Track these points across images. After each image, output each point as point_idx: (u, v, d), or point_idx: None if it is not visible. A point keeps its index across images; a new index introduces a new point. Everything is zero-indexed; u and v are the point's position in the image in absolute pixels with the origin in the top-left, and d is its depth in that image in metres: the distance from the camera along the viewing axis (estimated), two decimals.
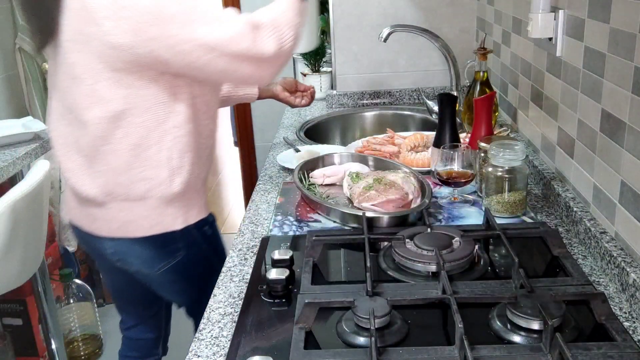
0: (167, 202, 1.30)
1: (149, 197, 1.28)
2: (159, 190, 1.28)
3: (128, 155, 1.24)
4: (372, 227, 1.22)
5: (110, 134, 1.23)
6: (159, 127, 1.24)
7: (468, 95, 1.75)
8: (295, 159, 1.68)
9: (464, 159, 1.33)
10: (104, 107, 1.20)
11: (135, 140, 1.23)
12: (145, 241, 1.34)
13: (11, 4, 2.55)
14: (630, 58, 0.99)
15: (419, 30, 1.90)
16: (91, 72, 1.19)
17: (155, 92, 1.21)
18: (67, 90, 1.24)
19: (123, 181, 1.27)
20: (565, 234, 1.21)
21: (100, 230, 1.35)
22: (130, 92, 1.20)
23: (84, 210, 1.37)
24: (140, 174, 1.26)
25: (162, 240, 1.34)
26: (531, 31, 1.37)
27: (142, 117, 1.22)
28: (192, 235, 1.37)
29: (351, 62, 2.29)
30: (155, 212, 1.31)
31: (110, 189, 1.28)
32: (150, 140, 1.24)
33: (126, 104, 1.20)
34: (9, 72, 2.53)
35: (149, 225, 1.32)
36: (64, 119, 1.29)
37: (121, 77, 1.18)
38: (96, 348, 2.56)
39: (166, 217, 1.32)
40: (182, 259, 1.39)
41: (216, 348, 0.91)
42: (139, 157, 1.25)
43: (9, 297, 2.06)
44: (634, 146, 0.99)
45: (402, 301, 0.93)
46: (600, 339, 0.84)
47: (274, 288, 1.02)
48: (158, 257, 1.37)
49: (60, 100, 1.30)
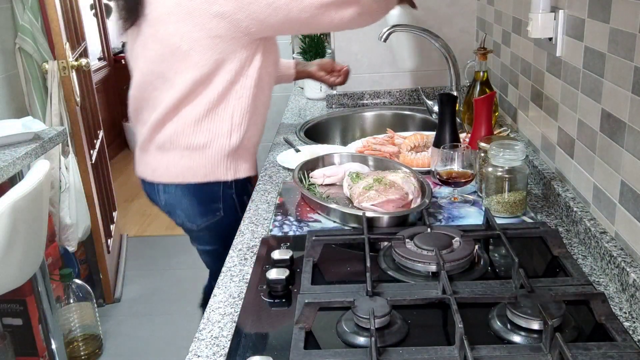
0: (223, 154, 1.51)
1: (209, 147, 1.50)
2: (218, 142, 1.49)
3: (202, 110, 1.47)
4: (372, 227, 1.22)
5: (193, 93, 1.45)
6: (232, 88, 1.47)
7: (468, 95, 1.75)
8: (295, 159, 1.68)
9: (464, 159, 1.33)
10: (196, 71, 1.43)
11: (211, 98, 1.46)
12: (193, 195, 1.54)
13: (11, 3, 2.55)
14: (630, 58, 0.99)
15: (419, 30, 1.90)
16: (188, 40, 1.40)
17: (239, 57, 1.44)
18: (160, 58, 1.46)
19: (190, 131, 1.49)
20: (565, 234, 1.21)
21: (161, 177, 1.56)
22: (220, 57, 1.42)
23: (149, 161, 1.58)
24: (206, 125, 1.48)
25: (207, 196, 1.55)
26: (531, 31, 1.37)
27: (223, 78, 1.44)
28: (231, 200, 1.56)
29: (351, 62, 2.29)
30: (211, 162, 1.51)
31: (178, 138, 1.50)
32: (222, 98, 1.46)
33: (214, 68, 1.43)
34: (9, 72, 2.53)
35: (204, 173, 1.52)
36: (150, 85, 1.51)
37: (215, 44, 1.41)
38: (96, 348, 2.57)
39: (220, 168, 1.52)
40: (219, 220, 1.58)
41: (216, 348, 0.91)
42: (209, 112, 1.47)
43: (9, 297, 2.06)
44: (634, 146, 0.99)
45: (402, 301, 0.93)
46: (600, 339, 0.84)
47: (274, 288, 1.03)
48: (200, 213, 1.57)
49: (146, 69, 1.51)
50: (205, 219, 1.58)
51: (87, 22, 3.82)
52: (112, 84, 5.36)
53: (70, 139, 2.70)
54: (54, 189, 2.53)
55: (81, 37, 3.07)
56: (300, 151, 1.76)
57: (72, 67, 2.66)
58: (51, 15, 2.53)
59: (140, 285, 3.17)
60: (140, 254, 3.52)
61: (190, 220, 1.60)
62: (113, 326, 2.78)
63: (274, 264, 1.09)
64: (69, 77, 2.63)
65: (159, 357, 2.57)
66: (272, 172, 1.65)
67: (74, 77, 2.69)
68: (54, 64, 2.59)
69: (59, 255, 2.57)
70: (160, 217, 3.97)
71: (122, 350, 2.62)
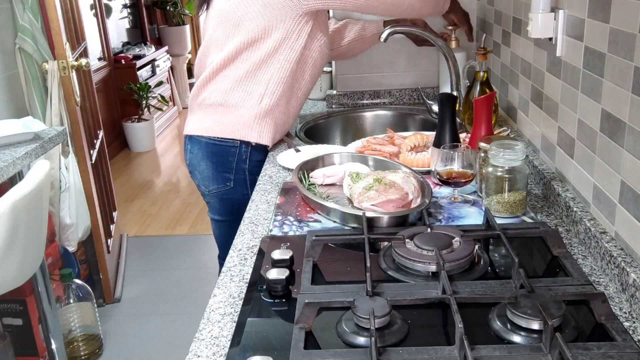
0: (252, 116, 1.65)
1: (241, 106, 1.64)
2: (250, 103, 1.64)
3: (242, 72, 1.62)
4: (372, 227, 1.22)
5: (240, 56, 1.61)
6: (274, 56, 1.61)
7: (468, 95, 1.75)
8: (295, 159, 1.68)
9: (464, 159, 1.33)
10: (244, 36, 1.59)
11: (253, 62, 1.61)
12: (210, 160, 1.71)
13: (11, 3, 2.55)
14: (630, 58, 0.99)
15: (419, 30, 1.90)
16: (243, 6, 1.58)
17: (286, 27, 1.59)
18: (218, 25, 1.64)
19: (228, 90, 1.65)
20: (565, 234, 1.21)
21: (193, 130, 1.73)
22: (268, 25, 1.58)
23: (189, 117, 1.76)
24: (242, 87, 1.63)
25: (222, 164, 1.69)
26: (531, 31, 1.37)
27: (268, 45, 1.59)
28: (243, 174, 1.70)
29: (351, 62, 2.29)
30: (240, 120, 1.65)
31: (216, 95, 1.66)
32: (263, 63, 1.61)
33: (262, 34, 1.58)
34: (9, 72, 2.53)
35: (231, 130, 1.66)
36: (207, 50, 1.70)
37: (267, 11, 1.57)
38: (96, 348, 2.57)
39: (245, 128, 1.66)
40: (229, 191, 1.71)
41: (216, 348, 0.91)
42: (249, 74, 1.62)
43: (9, 297, 2.06)
44: (634, 146, 0.99)
45: (402, 301, 0.93)
46: (600, 339, 0.84)
47: (274, 288, 1.03)
48: (213, 178, 1.72)
49: (207, 37, 1.70)
50: (217, 186, 1.73)
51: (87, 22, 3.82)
52: (112, 84, 5.36)
53: (70, 139, 2.70)
54: (54, 189, 2.53)
55: (81, 37, 3.08)
56: (300, 151, 1.76)
57: (72, 67, 2.66)
58: (51, 15, 2.53)
59: (140, 285, 3.17)
60: (140, 254, 3.52)
61: (203, 183, 1.76)
62: (113, 326, 2.79)
63: (274, 264, 1.09)
64: (69, 77, 2.63)
65: (159, 357, 2.57)
66: (272, 172, 1.65)
67: (74, 77, 2.69)
68: (54, 64, 2.59)
69: (59, 255, 2.57)
70: (160, 217, 3.97)
71: (122, 350, 2.62)
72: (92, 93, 3.19)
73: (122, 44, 5.87)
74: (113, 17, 5.71)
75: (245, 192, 1.71)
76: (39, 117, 2.59)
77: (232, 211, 1.74)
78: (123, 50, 5.76)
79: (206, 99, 1.70)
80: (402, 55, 2.28)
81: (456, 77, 1.92)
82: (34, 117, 2.39)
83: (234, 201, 1.73)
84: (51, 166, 1.83)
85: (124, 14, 6.07)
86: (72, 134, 2.70)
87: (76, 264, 2.76)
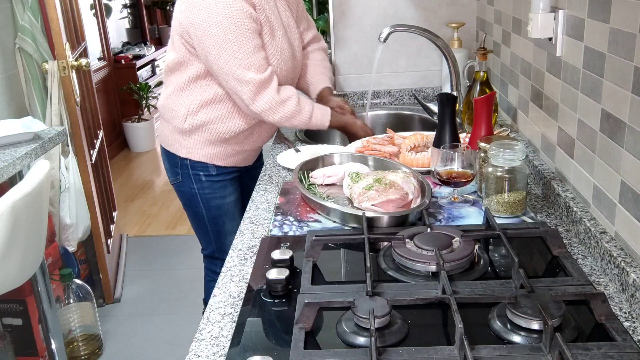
0: (178, 132, 1.77)
1: (170, 122, 1.78)
2: (175, 121, 1.76)
3: (173, 88, 1.75)
4: (372, 227, 1.22)
5: (172, 72, 1.75)
6: (196, 81, 1.70)
7: (468, 95, 1.75)
8: (295, 159, 1.68)
9: (464, 159, 1.33)
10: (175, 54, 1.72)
11: (179, 82, 1.73)
12: (166, 155, 1.86)
13: (11, 3, 2.55)
14: (630, 58, 0.99)
15: (419, 30, 1.90)
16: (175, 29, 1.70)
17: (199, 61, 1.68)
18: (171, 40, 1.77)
19: (165, 104, 1.78)
20: (565, 234, 1.21)
21: (160, 138, 1.91)
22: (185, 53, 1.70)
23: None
24: (172, 103, 1.75)
25: (172, 160, 1.84)
26: (531, 31, 1.37)
27: (189, 69, 1.70)
28: (187, 170, 1.81)
29: (351, 62, 2.29)
30: (171, 135, 1.80)
31: (160, 109, 1.82)
32: (187, 85, 1.71)
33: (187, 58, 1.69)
34: (9, 72, 2.53)
35: (168, 142, 1.82)
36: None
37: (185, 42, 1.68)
38: (96, 348, 2.56)
39: (175, 143, 1.80)
40: (180, 184, 1.85)
41: (216, 348, 0.91)
42: (179, 93, 1.73)
43: (9, 297, 2.06)
44: (634, 146, 0.99)
45: (402, 301, 0.93)
46: (600, 339, 0.84)
47: (274, 288, 1.02)
48: (171, 171, 1.87)
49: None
50: (172, 178, 1.88)
51: (87, 22, 3.82)
52: (112, 84, 5.35)
53: (70, 139, 2.69)
54: (54, 189, 2.53)
55: (81, 37, 3.07)
56: (300, 151, 1.76)
57: (72, 67, 2.66)
58: (51, 15, 2.53)
59: (140, 285, 3.16)
60: (140, 254, 3.52)
61: (167, 174, 1.91)
62: (113, 326, 2.78)
63: (274, 264, 1.09)
64: (69, 77, 2.63)
65: (159, 357, 2.57)
66: (272, 172, 1.65)
67: (74, 77, 2.69)
68: (54, 64, 2.59)
69: (59, 255, 2.57)
70: (160, 217, 3.97)
71: (122, 350, 2.62)
72: (92, 93, 3.19)
73: (122, 44, 5.87)
74: (113, 17, 5.71)
75: (192, 186, 1.83)
76: (39, 117, 2.59)
77: (186, 203, 1.89)
78: (123, 50, 5.76)
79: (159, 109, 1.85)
80: (402, 55, 2.28)
81: (456, 77, 1.92)
82: (34, 117, 2.39)
83: (185, 194, 1.87)
84: (51, 166, 1.83)
85: (124, 14, 6.07)
86: (72, 134, 2.70)
87: (76, 264, 2.76)
